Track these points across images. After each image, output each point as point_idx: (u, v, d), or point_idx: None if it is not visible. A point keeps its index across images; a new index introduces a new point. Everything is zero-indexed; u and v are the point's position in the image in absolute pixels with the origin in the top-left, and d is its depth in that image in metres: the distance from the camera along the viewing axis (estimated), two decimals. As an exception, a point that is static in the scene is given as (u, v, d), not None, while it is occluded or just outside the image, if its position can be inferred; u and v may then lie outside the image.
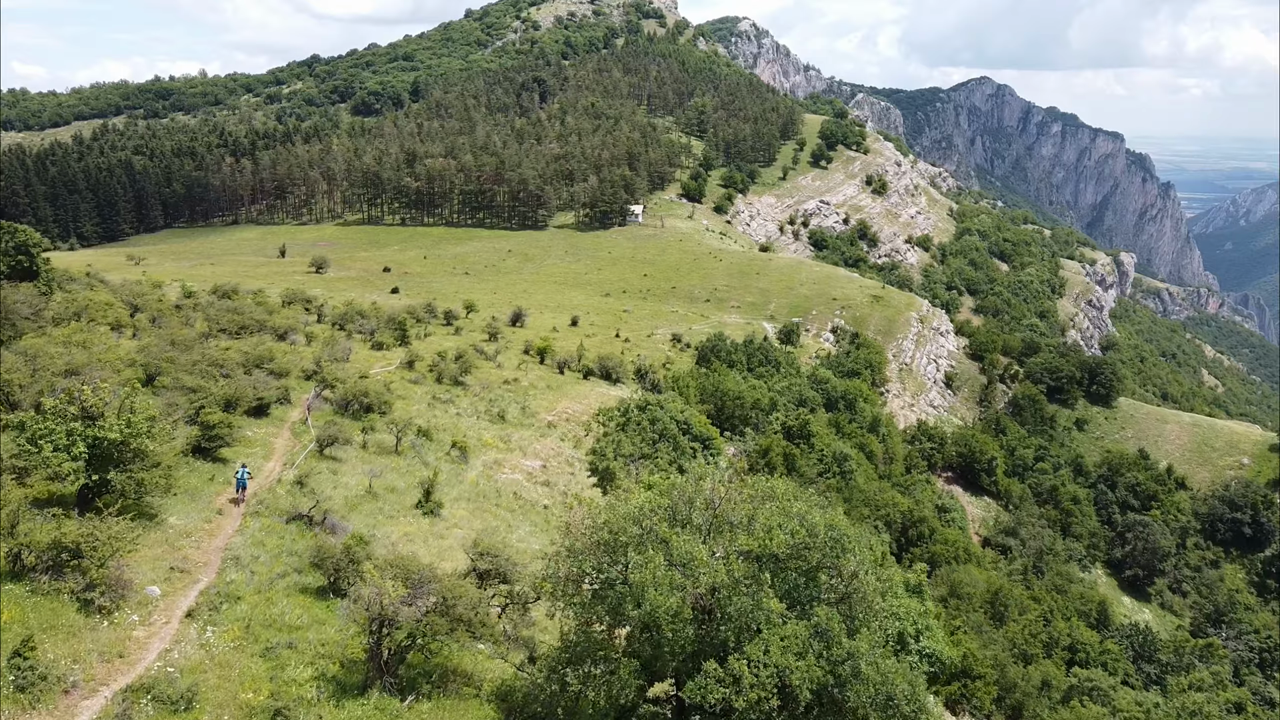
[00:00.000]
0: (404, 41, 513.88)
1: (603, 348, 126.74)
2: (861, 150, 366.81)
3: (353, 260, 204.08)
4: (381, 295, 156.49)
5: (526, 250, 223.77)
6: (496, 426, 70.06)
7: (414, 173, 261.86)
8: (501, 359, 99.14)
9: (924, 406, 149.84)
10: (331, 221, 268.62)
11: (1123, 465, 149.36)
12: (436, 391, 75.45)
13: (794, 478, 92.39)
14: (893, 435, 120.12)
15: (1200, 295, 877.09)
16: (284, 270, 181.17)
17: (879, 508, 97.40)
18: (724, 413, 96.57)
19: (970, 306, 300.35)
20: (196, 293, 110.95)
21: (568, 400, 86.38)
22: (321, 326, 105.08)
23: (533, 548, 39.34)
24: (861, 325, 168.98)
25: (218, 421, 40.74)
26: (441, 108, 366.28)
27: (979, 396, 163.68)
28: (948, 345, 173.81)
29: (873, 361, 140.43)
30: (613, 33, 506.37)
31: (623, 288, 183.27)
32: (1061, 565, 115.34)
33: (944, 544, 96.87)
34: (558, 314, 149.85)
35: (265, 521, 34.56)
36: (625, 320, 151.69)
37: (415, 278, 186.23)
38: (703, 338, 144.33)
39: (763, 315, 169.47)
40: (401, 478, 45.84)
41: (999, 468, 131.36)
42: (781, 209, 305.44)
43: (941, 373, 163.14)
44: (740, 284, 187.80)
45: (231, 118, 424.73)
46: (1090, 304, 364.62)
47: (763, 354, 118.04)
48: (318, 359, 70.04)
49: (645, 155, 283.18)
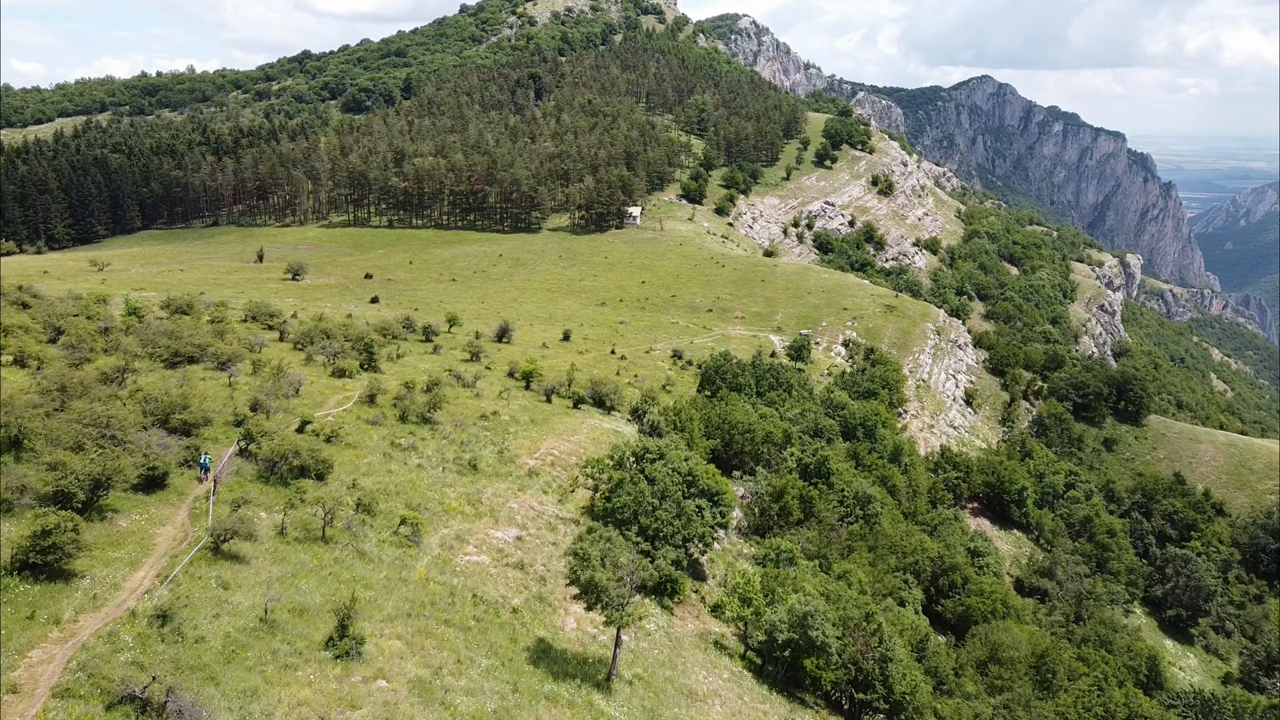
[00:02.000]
0: (397, 37, 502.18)
1: (596, 368, 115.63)
2: (867, 149, 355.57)
3: (334, 265, 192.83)
4: (360, 305, 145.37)
5: (518, 255, 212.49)
6: (466, 480, 58.94)
7: (402, 172, 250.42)
8: (481, 385, 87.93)
9: (944, 427, 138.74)
10: (316, 223, 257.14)
11: (1158, 491, 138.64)
12: (397, 434, 64.32)
13: (812, 524, 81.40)
14: (916, 466, 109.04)
15: (1204, 296, 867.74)
16: (258, 277, 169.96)
17: (906, 554, 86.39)
18: (732, 447, 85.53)
19: (981, 312, 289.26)
20: (143, 308, 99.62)
21: (554, 438, 75.26)
22: (283, 347, 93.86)
23: (487, 710, 28.27)
24: (875, 337, 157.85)
25: (55, 525, 29.61)
26: (434, 105, 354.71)
27: (1001, 415, 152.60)
28: (966, 359, 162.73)
29: (890, 379, 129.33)
30: (610, 29, 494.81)
31: (619, 296, 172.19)
32: (1104, 611, 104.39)
33: (980, 596, 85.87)
34: (549, 327, 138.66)
35: (76, 710, 23.11)
36: (621, 333, 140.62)
37: (399, 285, 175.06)
38: (706, 353, 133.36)
39: (769, 327, 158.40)
40: (320, 587, 34.71)
41: (1029, 498, 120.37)
42: (785, 210, 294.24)
43: (961, 389, 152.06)
44: (744, 292, 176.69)
45: (219, 115, 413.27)
46: (1102, 309, 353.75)
47: (773, 375, 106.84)
48: (255, 400, 58.82)
49: (644, 154, 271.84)
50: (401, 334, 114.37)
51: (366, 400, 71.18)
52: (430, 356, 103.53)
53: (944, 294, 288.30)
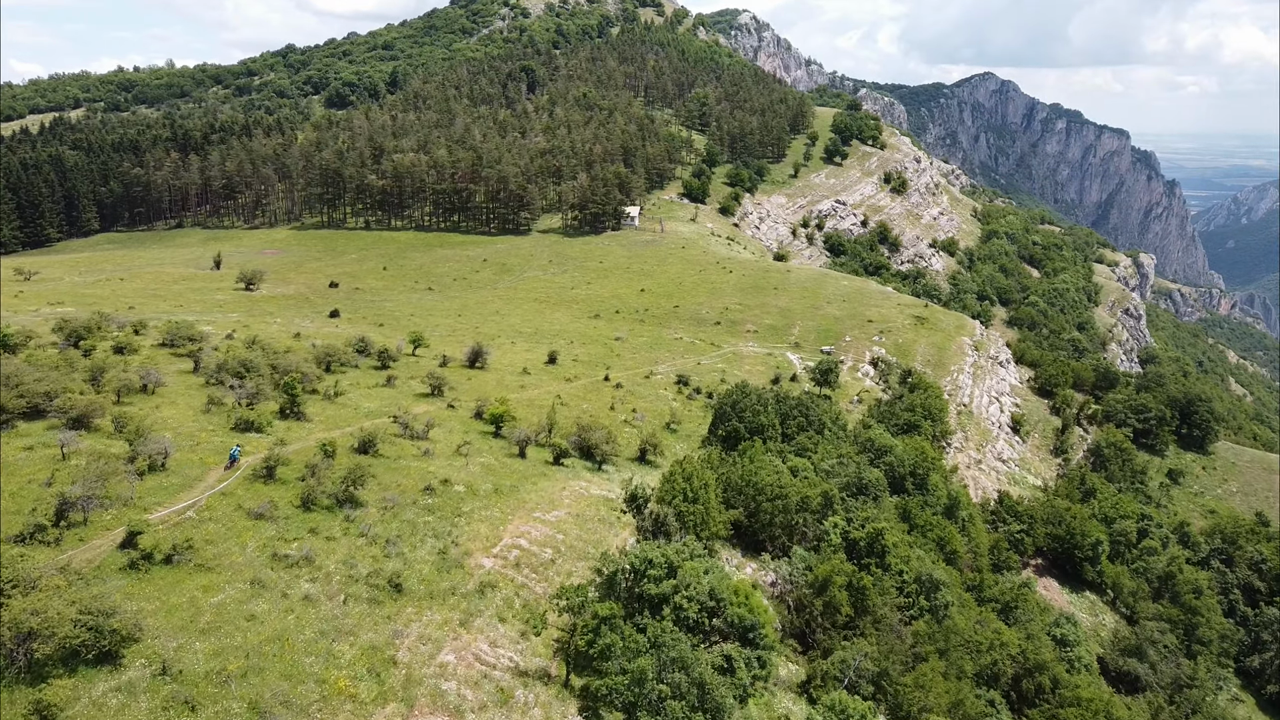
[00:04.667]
0: (384, 30, 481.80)
1: (587, 399, 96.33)
2: (878, 145, 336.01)
3: (298, 272, 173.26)
4: (316, 320, 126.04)
5: (505, 259, 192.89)
6: (380, 616, 39.53)
7: (380, 169, 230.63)
8: (436, 436, 68.54)
9: (992, 461, 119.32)
10: (288, 225, 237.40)
11: (1239, 534, 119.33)
12: (288, 535, 44.86)
13: (866, 623, 62.11)
14: (976, 522, 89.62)
15: (1212, 296, 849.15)
16: (207, 287, 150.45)
17: (981, 651, 67.13)
18: (759, 519, 66.21)
19: (1003, 318, 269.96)
20: (22, 333, 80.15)
21: (523, 516, 55.86)
22: (191, 382, 74.55)
23: None
24: (906, 355, 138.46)
25: None
26: (420, 99, 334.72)
27: (1053, 444, 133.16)
28: (1009, 378, 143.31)
29: (933, 409, 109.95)
30: (607, 21, 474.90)
31: (615, 307, 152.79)
32: (1206, 700, 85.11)
33: (1077, 707, 66.44)
34: (533, 345, 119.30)
35: None
36: (617, 352, 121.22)
37: (367, 295, 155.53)
38: (716, 378, 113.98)
39: (785, 343, 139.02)
40: None
41: (1104, 552, 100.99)
42: (793, 210, 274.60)
43: (1006, 415, 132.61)
44: (755, 302, 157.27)
45: (197, 111, 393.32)
46: (1127, 313, 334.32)
47: (801, 412, 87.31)
48: (63, 497, 39.35)
49: (642, 150, 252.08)
50: (352, 360, 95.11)
51: (262, 475, 51.68)
52: (381, 391, 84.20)
53: (964, 299, 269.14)
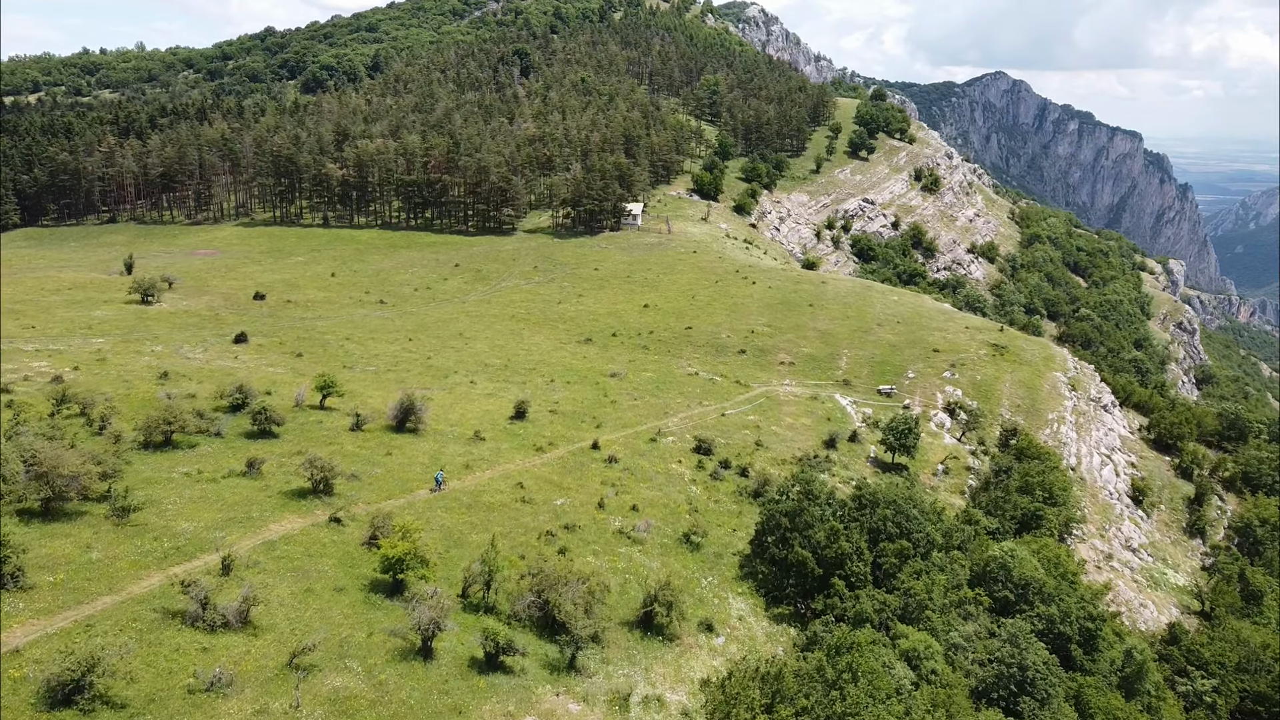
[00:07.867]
0: (369, 12, 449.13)
1: (565, 480, 64.18)
2: (907, 139, 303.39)
3: (225, 279, 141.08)
4: (213, 349, 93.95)
5: (481, 264, 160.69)
6: None
7: (341, 157, 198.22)
8: (265, 614, 36.30)
9: (1121, 553, 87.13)
10: (236, 220, 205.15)
11: None
12: None
13: None
14: (1168, 700, 57.29)
15: (1230, 303, 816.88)
16: (94, 298, 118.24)
17: None
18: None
19: (1052, 334, 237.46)
20: None
21: None
22: None
23: None
24: (989, 397, 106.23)
25: None
26: (401, 82, 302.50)
27: (1185, 520, 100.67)
28: (1117, 427, 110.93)
29: (1053, 486, 77.76)
30: (609, 4, 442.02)
31: (612, 328, 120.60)
32: None
33: None
34: (499, 386, 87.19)
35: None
36: (613, 397, 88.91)
37: (297, 310, 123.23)
38: (748, 439, 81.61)
39: (832, 380, 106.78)
40: None
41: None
42: (816, 209, 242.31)
43: (1124, 480, 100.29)
44: (789, 323, 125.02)
45: (163, 96, 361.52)
46: (1181, 327, 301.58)
47: (897, 525, 55.01)
48: None
49: (646, 139, 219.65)
50: (212, 425, 62.94)
51: None
52: (231, 486, 52.09)
53: (1010, 312, 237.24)
